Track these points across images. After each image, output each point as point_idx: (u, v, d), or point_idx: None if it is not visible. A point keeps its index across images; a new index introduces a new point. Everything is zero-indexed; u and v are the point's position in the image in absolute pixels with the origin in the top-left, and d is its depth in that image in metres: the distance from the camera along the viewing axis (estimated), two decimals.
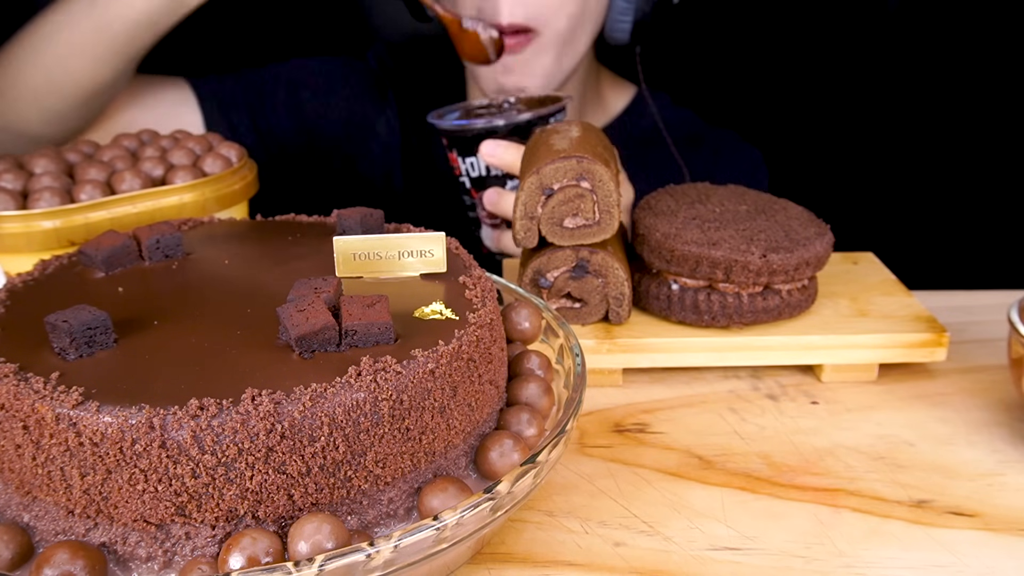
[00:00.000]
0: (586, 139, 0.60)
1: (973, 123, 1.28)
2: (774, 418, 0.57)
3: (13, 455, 0.37)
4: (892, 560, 0.44)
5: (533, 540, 0.46)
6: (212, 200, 0.62)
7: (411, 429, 0.38)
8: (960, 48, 1.25)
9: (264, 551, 0.34)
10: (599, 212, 0.58)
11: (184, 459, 0.34)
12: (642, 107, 1.02)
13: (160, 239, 0.48)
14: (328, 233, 0.51)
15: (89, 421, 0.34)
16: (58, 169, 0.61)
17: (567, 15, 0.85)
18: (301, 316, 0.38)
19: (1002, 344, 0.61)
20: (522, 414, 0.44)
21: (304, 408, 0.35)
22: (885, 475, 0.51)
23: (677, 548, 0.45)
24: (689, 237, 0.59)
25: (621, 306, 0.61)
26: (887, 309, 0.63)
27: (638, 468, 0.52)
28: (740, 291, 0.59)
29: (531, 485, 0.38)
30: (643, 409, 0.58)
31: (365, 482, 0.37)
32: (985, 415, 0.57)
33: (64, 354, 0.38)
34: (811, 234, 0.60)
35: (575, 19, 0.86)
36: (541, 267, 0.60)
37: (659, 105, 0.98)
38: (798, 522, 0.47)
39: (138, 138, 0.67)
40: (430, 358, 0.38)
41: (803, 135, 1.32)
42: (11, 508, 0.38)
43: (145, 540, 0.36)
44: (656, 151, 0.96)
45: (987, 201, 1.32)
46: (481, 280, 0.46)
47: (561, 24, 0.85)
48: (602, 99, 1.03)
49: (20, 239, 0.56)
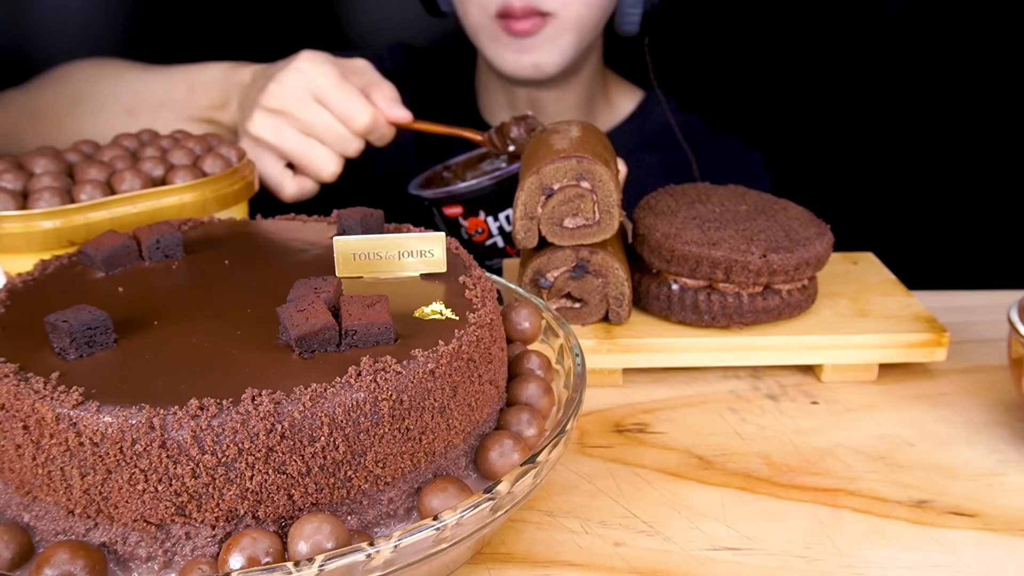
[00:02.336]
0: (586, 139, 0.60)
1: (972, 124, 1.28)
2: (774, 418, 0.57)
3: (13, 455, 0.37)
4: (892, 560, 0.44)
5: (533, 540, 0.46)
6: (212, 200, 0.62)
7: (411, 429, 0.38)
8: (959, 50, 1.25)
9: (264, 551, 0.34)
10: (599, 212, 0.58)
11: (184, 459, 0.34)
12: (649, 110, 1.03)
13: (160, 239, 0.48)
14: (328, 233, 0.51)
15: (89, 421, 0.34)
16: (58, 169, 0.61)
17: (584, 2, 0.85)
18: (301, 316, 0.38)
19: (1002, 344, 0.61)
20: (522, 414, 0.44)
21: (304, 408, 0.35)
22: (885, 475, 0.51)
23: (677, 548, 0.45)
24: (689, 237, 0.59)
25: (621, 306, 0.61)
26: (887, 309, 0.63)
27: (638, 468, 0.52)
28: (740, 291, 0.59)
29: (531, 485, 0.38)
30: (643, 409, 0.58)
31: (365, 482, 0.37)
32: (985, 415, 0.57)
33: (64, 354, 0.38)
34: (811, 234, 0.60)
35: (590, 8, 0.86)
36: (541, 267, 0.60)
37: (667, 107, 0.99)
38: (798, 522, 0.47)
39: (138, 138, 0.67)
40: (430, 358, 0.38)
41: (803, 135, 1.32)
42: (11, 508, 0.38)
43: (145, 540, 0.36)
44: (664, 151, 0.96)
45: (987, 201, 1.32)
46: (481, 280, 0.46)
47: (575, 7, 0.85)
48: (610, 102, 1.04)
49: (20, 239, 0.56)
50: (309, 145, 0.71)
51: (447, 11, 0.94)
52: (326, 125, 0.71)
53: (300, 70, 0.70)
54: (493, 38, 0.88)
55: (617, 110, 1.04)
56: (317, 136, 0.71)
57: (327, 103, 0.70)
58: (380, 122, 0.72)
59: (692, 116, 1.04)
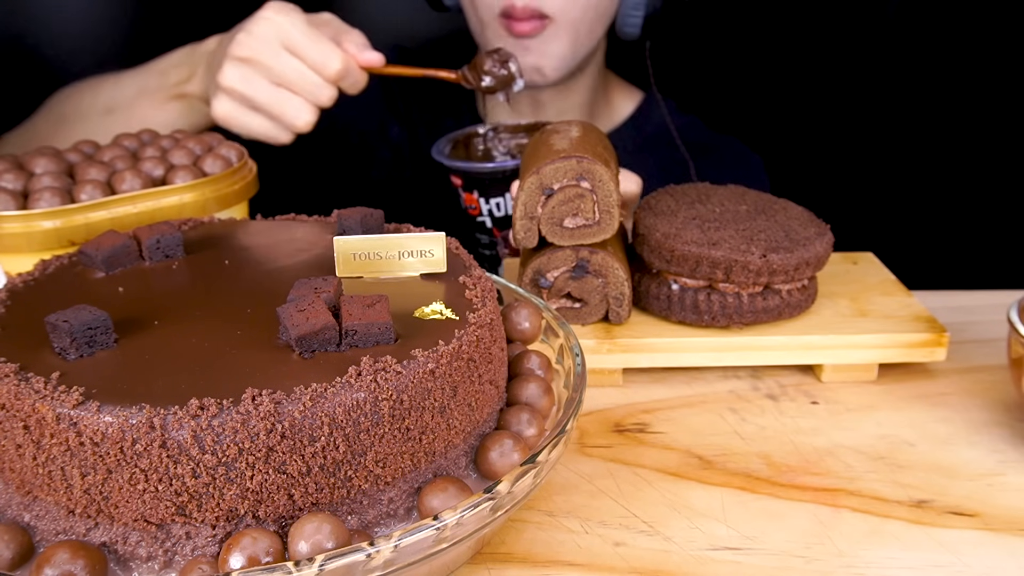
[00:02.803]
0: (586, 139, 0.60)
1: (972, 124, 1.28)
2: (774, 418, 0.57)
3: (14, 455, 0.37)
4: (892, 560, 0.44)
5: (533, 540, 0.46)
6: (212, 200, 0.62)
7: (411, 429, 0.38)
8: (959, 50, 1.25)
9: (264, 551, 0.34)
10: (599, 212, 0.58)
11: (184, 459, 0.34)
12: (649, 112, 1.03)
13: (160, 239, 0.48)
14: (328, 233, 0.51)
15: (90, 421, 0.34)
16: (58, 169, 0.61)
17: (583, 5, 0.86)
18: (301, 316, 0.38)
19: (1002, 344, 0.61)
20: (522, 414, 0.44)
21: (304, 408, 0.35)
22: (885, 475, 0.51)
23: (677, 548, 0.45)
24: (689, 237, 0.59)
25: (621, 306, 0.61)
26: (887, 309, 0.63)
27: (638, 468, 0.52)
28: (740, 291, 0.59)
29: (531, 485, 0.38)
30: (643, 409, 0.58)
31: (365, 482, 0.37)
32: (985, 415, 0.57)
33: (64, 354, 0.38)
34: (811, 234, 0.60)
35: (589, 8, 0.87)
36: (541, 267, 0.60)
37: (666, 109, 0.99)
38: (798, 522, 0.47)
39: (138, 138, 0.67)
40: (430, 358, 0.38)
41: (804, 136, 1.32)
42: (12, 508, 0.38)
43: (145, 540, 0.36)
44: (662, 155, 0.97)
45: (987, 201, 1.32)
46: (481, 280, 0.46)
47: (575, 12, 0.86)
48: (610, 104, 1.04)
49: (20, 239, 0.56)
50: (280, 95, 0.71)
51: (450, 5, 0.94)
52: (297, 73, 0.70)
53: (268, 19, 0.70)
54: (497, 38, 0.88)
55: (616, 112, 1.04)
56: (288, 84, 0.71)
57: (297, 50, 0.70)
58: (352, 67, 0.72)
59: (692, 118, 1.04)
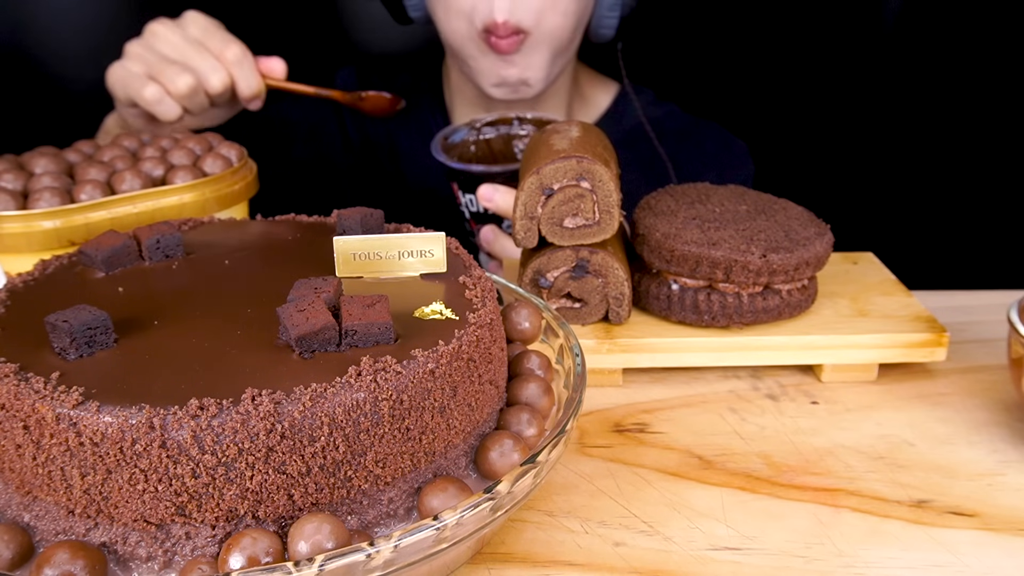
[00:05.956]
0: (586, 139, 0.60)
1: (972, 123, 1.28)
2: (774, 418, 0.57)
3: (13, 455, 0.37)
4: (892, 560, 0.44)
5: (533, 540, 0.46)
6: (212, 200, 0.62)
7: (411, 429, 0.38)
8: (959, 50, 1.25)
9: (264, 551, 0.34)
10: (599, 212, 0.58)
11: (184, 459, 0.34)
12: (626, 104, 1.02)
13: (160, 239, 0.48)
14: (328, 233, 0.51)
15: (89, 421, 0.34)
16: (58, 169, 0.61)
17: (560, 15, 0.85)
18: (301, 316, 0.38)
19: (1002, 344, 0.61)
20: (522, 414, 0.44)
21: (304, 408, 0.35)
22: (885, 475, 0.51)
23: (677, 548, 0.45)
24: (689, 237, 0.59)
25: (621, 306, 0.61)
26: (887, 309, 0.63)
27: (638, 468, 0.52)
28: (740, 291, 0.59)
29: (531, 485, 0.38)
30: (643, 409, 0.58)
31: (365, 482, 0.37)
32: (985, 415, 0.57)
33: (64, 354, 0.38)
34: (811, 234, 0.60)
35: (567, 19, 0.86)
36: (541, 267, 0.60)
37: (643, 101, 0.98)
38: (798, 522, 0.47)
39: (138, 138, 0.67)
40: (430, 358, 0.38)
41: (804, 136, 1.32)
42: (11, 508, 0.38)
43: (145, 540, 0.36)
44: (642, 147, 0.95)
45: (987, 201, 1.32)
46: (481, 280, 0.46)
47: (551, 23, 0.85)
48: (585, 97, 1.03)
49: (20, 239, 0.56)
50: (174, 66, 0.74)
51: (415, 17, 0.94)
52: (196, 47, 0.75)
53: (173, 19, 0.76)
54: (479, 52, 0.87)
55: (593, 107, 1.03)
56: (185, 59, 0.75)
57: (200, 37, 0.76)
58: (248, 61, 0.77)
59: (670, 106, 1.02)
